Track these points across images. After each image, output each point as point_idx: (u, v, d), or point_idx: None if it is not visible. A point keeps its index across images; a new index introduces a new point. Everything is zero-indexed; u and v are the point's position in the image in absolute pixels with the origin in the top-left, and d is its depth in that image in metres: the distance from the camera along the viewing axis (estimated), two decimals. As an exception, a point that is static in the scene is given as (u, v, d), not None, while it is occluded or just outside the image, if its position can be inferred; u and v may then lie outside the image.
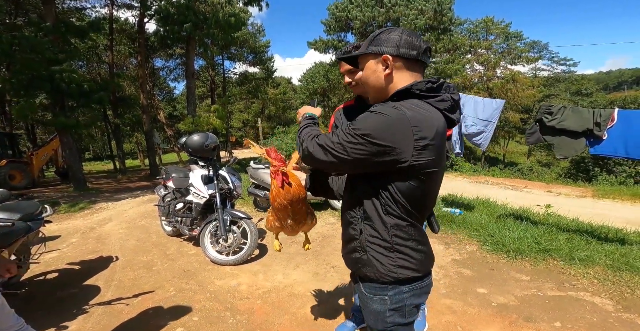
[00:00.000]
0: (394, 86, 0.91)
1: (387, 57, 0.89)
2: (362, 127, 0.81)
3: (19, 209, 2.36)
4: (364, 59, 0.96)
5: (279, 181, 1.13)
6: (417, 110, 0.82)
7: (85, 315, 2.30)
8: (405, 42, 0.88)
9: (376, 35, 0.92)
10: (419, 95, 0.87)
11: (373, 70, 0.93)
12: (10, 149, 11.07)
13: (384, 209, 0.89)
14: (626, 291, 2.33)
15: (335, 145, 0.84)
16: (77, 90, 8.37)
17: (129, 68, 18.37)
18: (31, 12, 11.98)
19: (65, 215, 5.86)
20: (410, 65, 0.91)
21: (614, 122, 3.05)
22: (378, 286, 0.95)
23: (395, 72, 0.91)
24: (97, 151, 35.70)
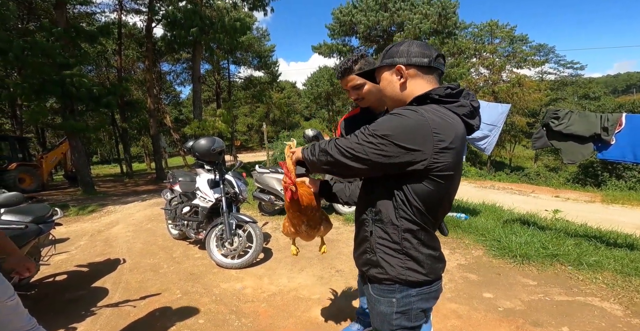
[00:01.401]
0: (410, 93, 0.95)
1: (400, 66, 0.94)
2: (382, 128, 0.83)
3: (31, 212, 2.42)
4: (379, 73, 1.01)
5: (288, 196, 1.17)
6: (436, 114, 0.84)
7: (93, 317, 2.34)
8: (415, 52, 0.93)
9: (388, 50, 0.98)
10: (437, 100, 0.89)
11: (389, 81, 0.98)
12: (20, 153, 11.26)
13: (397, 212, 0.91)
14: (635, 297, 2.30)
15: (354, 145, 0.86)
16: (87, 95, 8.54)
17: (137, 72, 18.66)
18: (43, 17, 12.27)
19: (73, 218, 5.95)
20: (424, 72, 0.94)
21: (621, 127, 3.03)
22: (386, 289, 0.97)
23: (410, 80, 0.95)
24: (105, 155, 36.18)
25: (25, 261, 1.40)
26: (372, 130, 0.84)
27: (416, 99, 0.91)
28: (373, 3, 16.71)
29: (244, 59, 21.21)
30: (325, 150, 0.92)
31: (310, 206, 1.23)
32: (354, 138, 0.87)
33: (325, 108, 36.61)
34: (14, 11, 8.55)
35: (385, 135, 0.82)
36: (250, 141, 38.51)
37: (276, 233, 4.28)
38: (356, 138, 0.87)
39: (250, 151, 32.73)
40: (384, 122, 0.84)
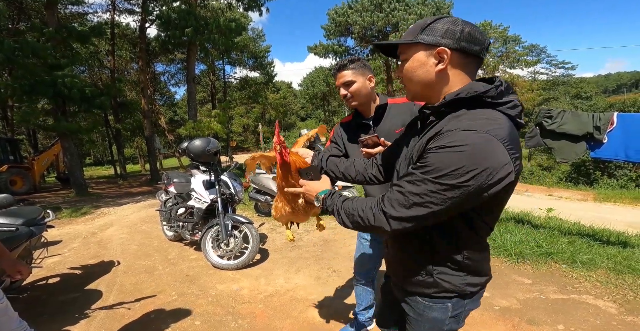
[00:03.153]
0: (447, 85, 0.79)
1: (443, 50, 0.75)
2: (448, 172, 0.67)
3: (22, 214, 2.38)
4: (409, 49, 0.81)
5: (279, 160, 1.11)
6: (494, 123, 0.69)
7: (87, 319, 2.30)
8: (467, 35, 0.74)
9: (429, 23, 0.78)
10: (490, 103, 0.73)
11: (422, 63, 0.79)
12: (11, 155, 11.10)
13: (462, 232, 0.82)
14: (629, 294, 2.32)
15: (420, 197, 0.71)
16: (79, 95, 8.43)
17: (130, 73, 18.50)
18: (34, 17, 12.10)
19: (66, 220, 5.87)
20: (467, 62, 0.78)
21: (613, 126, 3.07)
22: (442, 296, 0.90)
23: (451, 69, 0.77)
24: (98, 156, 35.78)
25: (17, 264, 1.37)
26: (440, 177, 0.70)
27: (460, 101, 0.75)
28: (368, 4, 16.77)
29: (239, 60, 21.15)
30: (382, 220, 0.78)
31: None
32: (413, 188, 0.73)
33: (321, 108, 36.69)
34: (4, 11, 8.41)
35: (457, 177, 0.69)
36: (246, 142, 38.38)
37: (272, 234, 4.26)
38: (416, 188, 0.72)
39: (246, 152, 32.62)
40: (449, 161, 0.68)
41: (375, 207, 0.80)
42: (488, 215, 0.82)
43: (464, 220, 0.80)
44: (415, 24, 0.82)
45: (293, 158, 1.14)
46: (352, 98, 1.50)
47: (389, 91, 18.54)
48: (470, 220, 0.80)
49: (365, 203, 0.83)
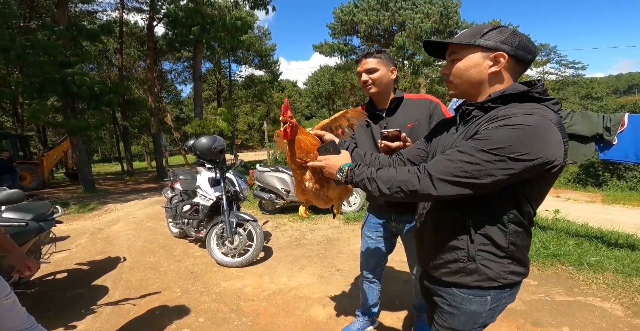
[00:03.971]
0: (492, 86, 0.88)
1: (502, 54, 0.84)
2: (507, 145, 0.73)
3: (32, 210, 2.42)
4: (465, 50, 0.89)
5: (282, 134, 1.09)
6: (547, 112, 0.78)
7: (93, 315, 2.34)
8: (522, 44, 0.84)
9: (489, 30, 0.86)
10: (538, 98, 0.82)
11: (477, 64, 0.87)
12: (21, 150, 11.29)
13: (507, 216, 0.84)
14: (636, 297, 2.29)
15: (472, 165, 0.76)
16: (88, 93, 8.54)
17: (138, 71, 18.67)
18: (45, 15, 12.27)
19: (74, 216, 5.96)
20: (517, 68, 0.88)
21: (624, 127, 3.02)
22: (480, 289, 0.91)
23: (501, 72, 0.87)
24: (106, 153, 36.21)
25: (26, 259, 1.39)
26: (497, 149, 0.75)
27: (506, 96, 0.83)
28: (374, 2, 16.67)
29: (245, 58, 21.21)
30: (425, 189, 0.80)
31: (312, 153, 1.10)
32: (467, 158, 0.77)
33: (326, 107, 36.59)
34: (15, 9, 8.54)
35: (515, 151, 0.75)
36: (251, 140, 38.51)
37: (276, 232, 4.28)
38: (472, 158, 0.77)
39: (251, 150, 32.75)
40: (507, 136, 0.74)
41: (419, 172, 0.82)
42: (534, 200, 0.86)
43: (513, 202, 0.83)
44: (472, 28, 0.91)
45: (300, 137, 1.10)
46: (372, 85, 1.52)
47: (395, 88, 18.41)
48: (520, 202, 0.83)
49: (406, 170, 0.86)
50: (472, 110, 0.89)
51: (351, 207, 4.96)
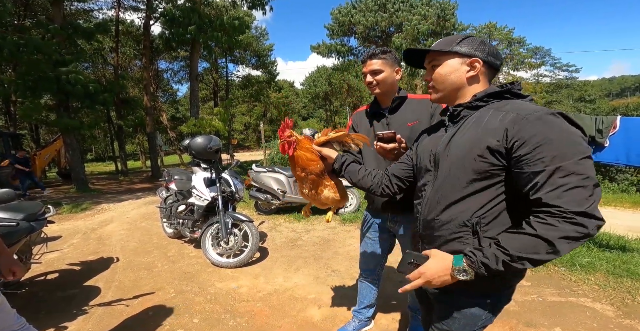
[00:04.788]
0: (473, 88, 0.95)
1: (477, 60, 0.92)
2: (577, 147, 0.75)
3: (23, 209, 2.39)
4: (443, 57, 0.96)
5: (281, 147, 1.26)
6: (543, 107, 0.84)
7: (85, 316, 2.31)
8: (491, 52, 0.94)
9: (462, 39, 0.95)
10: (518, 95, 0.91)
11: (456, 69, 0.95)
12: (13, 149, 11.14)
13: (515, 215, 0.83)
14: (627, 298, 2.32)
15: (590, 179, 0.73)
16: (82, 92, 8.46)
17: (134, 70, 18.53)
18: (40, 13, 12.14)
19: (66, 216, 5.89)
20: (489, 72, 0.96)
21: (616, 130, 3.06)
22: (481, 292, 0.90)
23: (477, 76, 0.95)
24: (100, 152, 35.85)
25: (13, 264, 1.33)
26: (580, 153, 0.74)
27: (492, 94, 0.91)
28: (372, 4, 16.74)
29: (242, 58, 21.17)
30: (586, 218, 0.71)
31: (308, 168, 1.25)
32: (581, 169, 0.73)
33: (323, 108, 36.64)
34: (10, 7, 8.42)
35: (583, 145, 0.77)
36: (247, 140, 38.41)
37: (272, 233, 4.27)
38: (581, 168, 0.73)
39: (247, 150, 32.67)
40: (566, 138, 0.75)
41: (570, 218, 0.71)
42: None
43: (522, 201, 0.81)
44: (446, 38, 0.99)
45: (298, 153, 1.25)
46: (376, 86, 1.54)
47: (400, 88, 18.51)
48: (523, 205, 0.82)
49: (545, 224, 0.73)
50: (460, 110, 0.95)
51: (347, 208, 4.97)
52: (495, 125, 0.83)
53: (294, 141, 1.25)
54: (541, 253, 0.73)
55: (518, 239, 0.75)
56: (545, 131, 0.76)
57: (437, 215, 0.93)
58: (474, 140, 0.86)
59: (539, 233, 0.72)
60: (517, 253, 0.74)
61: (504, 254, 0.75)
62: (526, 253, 0.74)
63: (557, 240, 0.71)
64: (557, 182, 0.73)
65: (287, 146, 1.24)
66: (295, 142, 1.25)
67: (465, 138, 0.89)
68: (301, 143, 1.26)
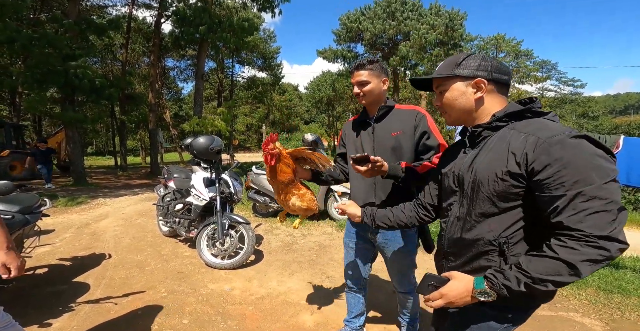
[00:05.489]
0: (486, 109, 0.93)
1: (481, 80, 0.91)
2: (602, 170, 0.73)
3: (19, 201, 2.36)
4: (447, 81, 0.96)
5: (264, 157, 1.41)
6: (566, 127, 0.81)
7: (71, 313, 2.27)
8: (496, 68, 0.92)
9: (462, 59, 0.94)
10: (539, 113, 0.88)
11: (462, 92, 0.94)
12: (14, 140, 11.14)
13: (543, 235, 0.80)
14: (616, 313, 2.32)
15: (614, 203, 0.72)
16: (89, 86, 8.49)
17: (141, 66, 18.63)
18: (55, 8, 12.25)
19: (61, 209, 5.85)
20: (500, 88, 0.93)
21: (618, 149, 3.03)
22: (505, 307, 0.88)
23: (487, 96, 0.93)
24: (100, 146, 35.88)
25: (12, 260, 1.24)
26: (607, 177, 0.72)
27: (512, 115, 0.88)
28: (381, 11, 16.88)
29: (248, 59, 21.29)
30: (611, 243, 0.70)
31: (283, 179, 1.44)
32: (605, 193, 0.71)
33: (326, 113, 36.72)
34: (27, 1, 8.47)
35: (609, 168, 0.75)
36: (249, 141, 38.46)
37: (269, 236, 4.23)
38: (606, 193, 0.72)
39: (247, 151, 32.68)
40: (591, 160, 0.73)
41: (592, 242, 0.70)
42: None
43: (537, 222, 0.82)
44: (448, 59, 0.98)
45: (279, 164, 1.41)
46: (363, 97, 1.56)
47: (395, 100, 18.51)
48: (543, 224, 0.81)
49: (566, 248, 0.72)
50: (480, 131, 0.93)
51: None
52: (515, 148, 0.82)
53: (276, 153, 1.40)
54: (564, 275, 0.72)
55: (540, 262, 0.75)
56: (566, 155, 0.73)
57: (463, 235, 0.93)
58: (496, 163, 0.85)
59: (561, 257, 0.72)
60: (539, 276, 0.74)
61: (526, 276, 0.75)
62: (548, 275, 0.73)
63: (579, 263, 0.70)
64: (578, 206, 0.72)
65: (270, 157, 1.39)
66: (278, 154, 1.40)
67: (487, 160, 0.88)
68: (281, 156, 1.42)
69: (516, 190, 0.82)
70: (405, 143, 1.51)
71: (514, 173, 0.81)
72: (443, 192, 1.07)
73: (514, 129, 0.86)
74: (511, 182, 0.82)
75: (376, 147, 1.56)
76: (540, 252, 0.76)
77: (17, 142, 11.25)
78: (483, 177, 0.87)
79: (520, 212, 0.83)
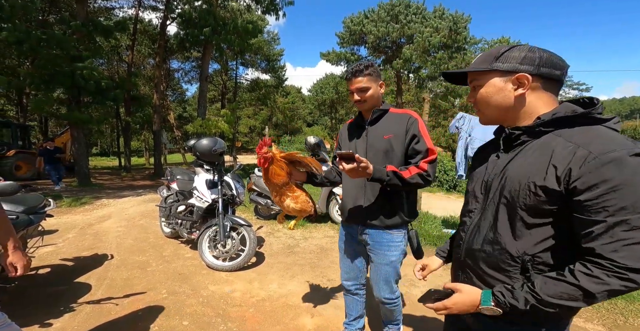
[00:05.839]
0: (530, 109, 0.81)
1: (524, 76, 0.78)
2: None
3: (24, 202, 2.38)
4: (483, 76, 0.85)
5: (258, 160, 1.48)
6: (629, 142, 0.68)
7: (72, 313, 2.27)
8: (545, 61, 0.78)
9: (504, 52, 0.82)
10: (598, 119, 0.74)
11: (499, 89, 0.82)
12: (20, 140, 11.26)
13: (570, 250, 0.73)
14: (619, 319, 2.30)
15: None
16: (95, 87, 8.59)
17: (146, 68, 18.81)
18: (64, 10, 12.43)
19: (65, 209, 5.89)
20: (548, 85, 0.80)
21: None
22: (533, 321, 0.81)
23: (531, 93, 0.80)
24: (105, 147, 36.18)
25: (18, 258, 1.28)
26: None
27: (562, 121, 0.75)
28: (385, 14, 16.90)
29: (252, 61, 21.43)
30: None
31: (277, 181, 1.50)
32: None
33: (329, 115, 36.80)
34: (37, 3, 8.61)
35: None
36: (251, 143, 38.54)
37: (270, 238, 4.22)
38: None
39: (250, 153, 32.75)
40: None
41: (621, 273, 0.64)
42: None
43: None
44: (486, 52, 0.86)
45: (271, 166, 1.48)
46: (364, 103, 1.56)
47: (398, 103, 18.52)
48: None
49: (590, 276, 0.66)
50: (519, 134, 0.81)
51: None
52: (559, 161, 0.71)
53: (269, 157, 1.47)
54: (577, 302, 0.68)
55: (555, 286, 0.70)
56: (620, 177, 0.64)
57: (482, 246, 0.85)
58: (531, 174, 0.75)
59: (582, 285, 0.66)
60: (550, 300, 0.69)
61: (535, 299, 0.71)
62: (561, 300, 0.69)
63: (599, 292, 0.66)
64: (617, 235, 0.64)
65: (264, 160, 1.46)
66: (271, 157, 1.47)
67: (522, 169, 0.78)
68: (275, 159, 1.48)
69: (550, 206, 0.72)
70: (397, 147, 1.52)
71: (550, 189, 0.71)
72: (467, 194, 0.97)
73: (561, 137, 0.74)
74: (545, 198, 0.72)
75: (368, 150, 1.57)
76: (559, 275, 0.70)
77: (24, 143, 11.38)
78: (514, 188, 0.78)
79: (552, 229, 0.74)
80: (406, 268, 3.18)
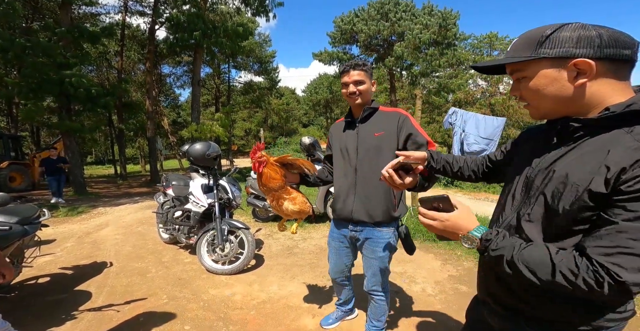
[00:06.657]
0: (593, 98, 0.66)
1: (584, 61, 0.63)
2: None
3: (17, 212, 2.37)
4: (528, 66, 0.70)
5: (253, 165, 1.52)
6: None
7: (73, 321, 2.27)
8: (608, 41, 0.62)
9: (550, 34, 0.66)
10: None
11: (552, 79, 0.67)
12: (13, 151, 11.13)
13: None
14: None
15: None
16: (85, 95, 8.50)
17: (137, 74, 18.69)
18: (48, 16, 12.30)
19: (62, 219, 5.84)
20: (618, 69, 0.64)
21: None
22: None
23: (595, 81, 0.65)
24: (100, 155, 35.86)
25: (3, 266, 1.32)
26: None
27: (636, 114, 0.61)
28: (374, 13, 16.97)
29: (244, 64, 21.36)
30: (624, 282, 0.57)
31: (273, 185, 1.52)
32: None
33: (324, 115, 36.82)
34: (19, 10, 8.51)
35: None
36: (248, 146, 38.44)
37: (269, 240, 4.23)
38: None
39: (247, 156, 32.67)
40: None
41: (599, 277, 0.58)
42: None
43: None
44: (525, 36, 0.71)
45: (264, 171, 1.50)
46: (359, 96, 1.59)
47: (392, 100, 18.61)
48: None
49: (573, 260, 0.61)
50: (578, 127, 0.68)
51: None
52: (613, 160, 0.60)
53: (263, 161, 1.51)
54: (538, 276, 0.64)
55: (533, 251, 0.66)
56: None
57: None
58: (583, 175, 0.63)
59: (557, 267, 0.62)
60: (522, 263, 0.66)
61: (510, 255, 0.67)
62: (527, 265, 0.65)
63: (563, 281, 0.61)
64: (620, 241, 0.57)
65: (258, 165, 1.50)
66: (265, 161, 1.51)
67: (573, 167, 0.66)
68: (269, 164, 1.52)
69: (590, 213, 0.62)
70: (387, 144, 1.55)
71: (595, 192, 0.60)
72: (505, 185, 0.86)
73: (631, 134, 0.61)
74: (587, 204, 0.62)
75: (359, 146, 1.61)
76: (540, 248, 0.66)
77: (16, 153, 11.24)
78: (558, 187, 0.67)
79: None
80: (405, 265, 3.23)
